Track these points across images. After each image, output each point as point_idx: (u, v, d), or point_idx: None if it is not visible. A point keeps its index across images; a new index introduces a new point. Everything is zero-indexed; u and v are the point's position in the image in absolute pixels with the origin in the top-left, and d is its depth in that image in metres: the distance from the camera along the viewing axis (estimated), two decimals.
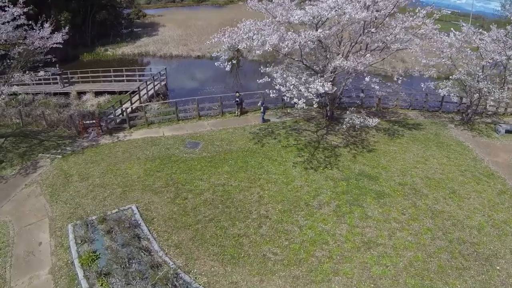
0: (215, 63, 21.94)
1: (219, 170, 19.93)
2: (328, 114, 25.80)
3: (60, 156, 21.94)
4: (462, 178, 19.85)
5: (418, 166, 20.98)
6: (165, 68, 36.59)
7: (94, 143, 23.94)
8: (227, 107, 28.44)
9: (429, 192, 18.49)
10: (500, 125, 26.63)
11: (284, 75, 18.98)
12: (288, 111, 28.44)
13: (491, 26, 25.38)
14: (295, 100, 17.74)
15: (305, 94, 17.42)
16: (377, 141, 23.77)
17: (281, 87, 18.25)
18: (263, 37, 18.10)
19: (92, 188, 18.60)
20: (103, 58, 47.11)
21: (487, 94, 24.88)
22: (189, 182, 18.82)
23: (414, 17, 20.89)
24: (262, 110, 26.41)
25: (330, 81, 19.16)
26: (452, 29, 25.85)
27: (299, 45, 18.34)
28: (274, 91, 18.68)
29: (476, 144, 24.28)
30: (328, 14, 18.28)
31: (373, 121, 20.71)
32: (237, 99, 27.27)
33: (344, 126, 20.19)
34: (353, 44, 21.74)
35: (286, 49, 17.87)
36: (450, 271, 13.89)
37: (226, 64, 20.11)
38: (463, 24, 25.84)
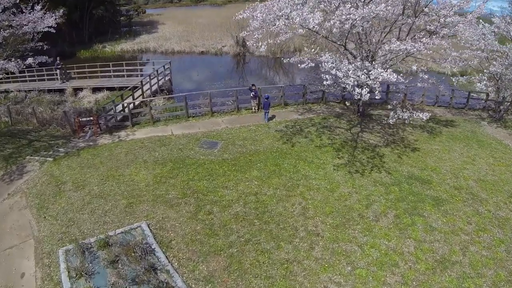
0: None
1: (246, 175, 15.36)
2: (360, 110, 21.36)
3: (51, 159, 17.17)
4: None
5: (467, 167, 17.15)
6: (170, 62, 31.77)
7: (91, 143, 19.17)
8: (242, 103, 23.89)
9: (488, 196, 15.00)
10: None
11: (337, 60, 14.44)
12: (310, 107, 23.92)
13: None
14: (357, 90, 13.28)
15: (369, 83, 12.99)
16: (417, 140, 19.53)
17: (338, 71, 13.71)
18: (303, 14, 13.52)
19: (89, 199, 13.94)
20: (101, 55, 42.08)
21: None
22: (211, 191, 14.23)
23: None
24: (263, 107, 21.71)
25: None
26: (481, 20, 21.82)
27: (350, 25, 13.82)
28: (328, 77, 14.08)
29: None
30: None
31: (424, 115, 16.34)
32: (253, 92, 22.65)
33: (391, 121, 15.81)
34: (397, 27, 17.27)
35: (334, 30, 13.36)
36: None
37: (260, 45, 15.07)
38: (496, 15, 22.05)
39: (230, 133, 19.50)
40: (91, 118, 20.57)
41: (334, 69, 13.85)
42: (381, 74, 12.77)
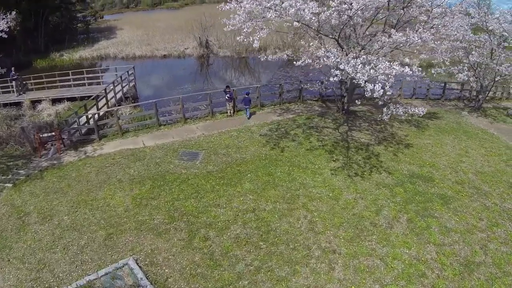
0: None
1: (238, 189, 13.28)
2: (345, 107, 19.80)
3: (10, 185, 14.29)
4: (510, 169, 15.80)
5: (463, 159, 16.28)
6: (133, 67, 28.81)
7: (55, 162, 16.29)
8: (216, 106, 21.44)
9: (490, 189, 14.23)
10: None
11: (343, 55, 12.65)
12: (288, 107, 22.08)
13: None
14: (369, 86, 11.54)
15: (379, 77, 11.31)
16: (407, 135, 18.32)
17: (346, 66, 11.88)
18: (297, 4, 11.59)
19: (60, 233, 11.39)
20: (59, 64, 37.95)
21: (508, 76, 20.54)
22: (203, 212, 12.05)
23: None
24: (244, 103, 19.95)
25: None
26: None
27: (349, 16, 12.08)
28: (337, 73, 12.22)
29: (499, 131, 20.08)
30: None
31: (420, 110, 15.02)
32: (228, 95, 20.44)
33: (385, 117, 14.31)
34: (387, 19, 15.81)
35: (333, 21, 11.58)
36: None
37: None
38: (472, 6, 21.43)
39: (209, 141, 17.25)
40: (53, 133, 17.59)
41: (342, 64, 12.03)
42: (393, 67, 11.14)
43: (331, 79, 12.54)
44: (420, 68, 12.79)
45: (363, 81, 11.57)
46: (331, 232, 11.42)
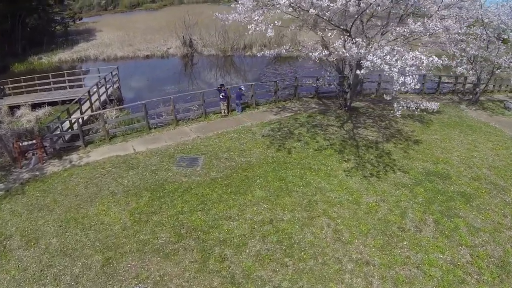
0: None
1: (249, 197, 11.56)
2: (348, 104, 18.33)
3: None
4: None
5: (474, 154, 15.23)
6: (117, 68, 26.46)
7: (37, 173, 14.11)
8: (208, 106, 19.50)
9: (506, 183, 13.30)
10: (510, 102, 21.77)
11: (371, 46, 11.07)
12: (284, 105, 20.44)
13: None
14: (401, 79, 10.00)
15: (407, 69, 9.80)
16: (413, 130, 17.08)
17: (378, 59, 10.25)
18: None
19: (49, 259, 9.40)
20: (37, 67, 34.88)
21: (508, 69, 19.62)
22: (213, 227, 10.27)
23: None
24: (236, 98, 18.69)
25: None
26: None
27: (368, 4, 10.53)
28: (368, 64, 10.56)
29: (500, 124, 19.14)
30: None
31: (433, 105, 13.75)
32: (223, 93, 18.64)
33: (397, 113, 12.90)
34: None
35: (351, 8, 10.00)
36: None
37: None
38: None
39: (208, 144, 15.41)
40: (34, 141, 15.36)
41: (369, 55, 10.43)
42: (421, 58, 9.67)
43: (360, 71, 10.96)
44: (446, 59, 11.42)
45: (395, 73, 10.03)
46: (360, 240, 9.94)
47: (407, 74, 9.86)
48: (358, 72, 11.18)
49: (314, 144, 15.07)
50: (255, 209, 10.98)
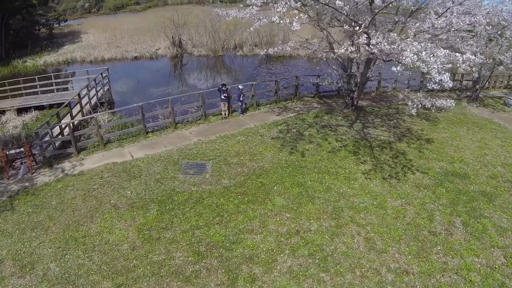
0: None
1: (268, 206, 10.23)
2: (355, 102, 17.20)
3: None
4: None
5: (486, 152, 14.50)
6: (107, 69, 24.55)
7: (27, 183, 12.39)
8: (207, 108, 18.04)
9: None
10: (510, 99, 21.22)
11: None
12: (285, 105, 19.15)
13: None
14: (437, 76, 8.88)
15: (441, 66, 8.71)
16: (422, 129, 16.16)
17: (415, 55, 9.07)
18: None
19: None
20: (22, 71, 32.33)
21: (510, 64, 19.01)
22: (236, 242, 8.90)
23: None
24: (241, 99, 17.34)
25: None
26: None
27: None
28: (409, 60, 9.36)
29: (503, 120, 18.60)
30: None
31: (449, 102, 12.76)
32: (224, 94, 17.21)
33: (413, 111, 11.89)
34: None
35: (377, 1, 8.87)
36: None
37: None
38: None
39: (214, 148, 13.98)
40: (22, 148, 13.59)
41: (406, 51, 9.25)
42: (456, 55, 8.60)
43: (395, 68, 9.81)
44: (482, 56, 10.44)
45: (435, 71, 8.91)
46: (394, 248, 8.88)
47: (443, 72, 8.76)
48: (366, 69, 10.13)
49: (327, 146, 13.86)
50: (278, 219, 9.67)
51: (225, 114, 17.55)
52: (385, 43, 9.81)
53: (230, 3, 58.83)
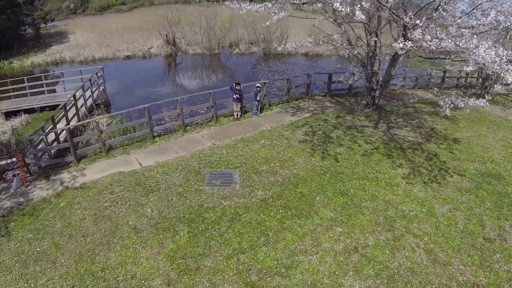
0: None
1: (316, 220, 8.69)
2: (377, 102, 15.89)
3: None
4: None
5: (511, 151, 13.41)
6: (102, 68, 22.32)
7: (22, 199, 10.35)
8: (218, 109, 16.33)
9: None
10: None
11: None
12: (297, 104, 17.64)
13: None
14: (509, 78, 7.71)
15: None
16: (445, 129, 15.00)
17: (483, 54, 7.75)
18: None
19: None
20: (8, 72, 29.41)
21: None
22: (290, 266, 7.30)
23: None
24: (258, 98, 15.91)
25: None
26: None
27: None
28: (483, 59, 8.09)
29: None
30: None
31: (482, 102, 11.67)
32: (237, 94, 15.48)
33: (447, 111, 10.78)
34: None
35: None
36: None
37: None
38: None
39: (238, 154, 12.19)
40: (14, 158, 11.53)
41: (479, 49, 7.98)
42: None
43: (467, 68, 8.56)
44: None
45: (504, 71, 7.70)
46: (457, 260, 7.82)
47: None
48: (391, 68, 8.82)
49: (358, 149, 12.43)
50: (330, 235, 8.15)
51: (237, 115, 15.86)
52: (450, 41, 8.49)
53: (218, 2, 56.62)
